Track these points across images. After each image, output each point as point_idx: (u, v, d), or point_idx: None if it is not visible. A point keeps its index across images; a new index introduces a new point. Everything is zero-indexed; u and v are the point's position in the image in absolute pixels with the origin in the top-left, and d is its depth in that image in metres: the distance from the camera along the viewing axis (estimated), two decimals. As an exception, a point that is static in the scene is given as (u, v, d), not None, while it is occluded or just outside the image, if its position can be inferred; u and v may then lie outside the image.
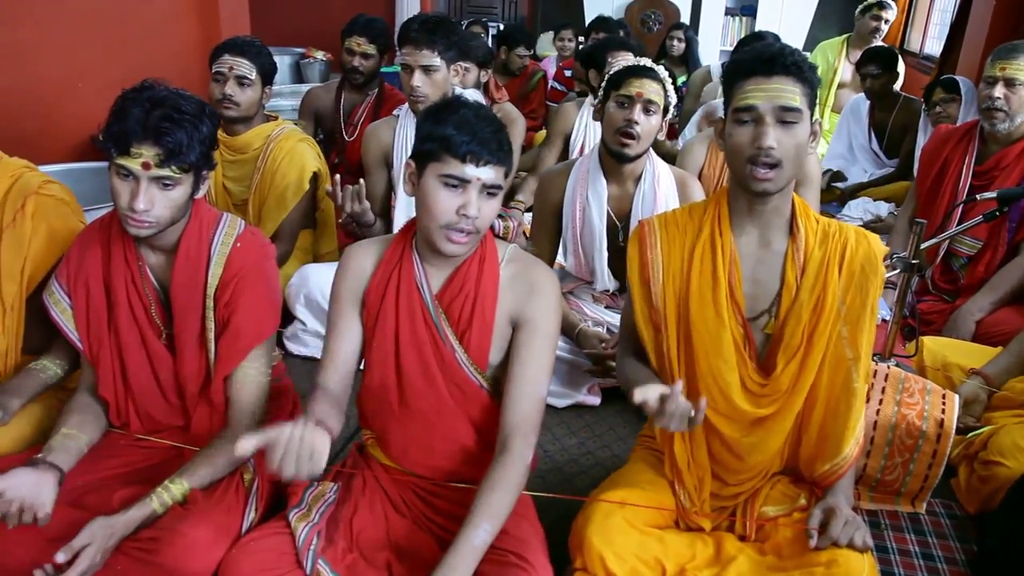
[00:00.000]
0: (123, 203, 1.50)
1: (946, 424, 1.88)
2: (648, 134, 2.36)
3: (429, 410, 1.55)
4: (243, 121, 2.67)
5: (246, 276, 1.64)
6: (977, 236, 2.77)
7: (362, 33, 3.44)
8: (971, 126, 2.89)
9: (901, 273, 2.18)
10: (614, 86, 2.37)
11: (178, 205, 1.55)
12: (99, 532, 1.40)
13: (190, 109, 1.51)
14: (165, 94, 1.51)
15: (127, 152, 1.46)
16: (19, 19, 3.13)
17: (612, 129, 2.37)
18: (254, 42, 2.65)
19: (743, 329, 1.55)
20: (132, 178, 1.49)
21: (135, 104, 1.48)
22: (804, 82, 1.43)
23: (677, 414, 1.36)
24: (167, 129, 1.46)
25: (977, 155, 2.82)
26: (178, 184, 1.53)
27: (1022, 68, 2.61)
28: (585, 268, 2.61)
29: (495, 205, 1.47)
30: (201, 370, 1.68)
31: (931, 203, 2.92)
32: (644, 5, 7.42)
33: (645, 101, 2.32)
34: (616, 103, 2.36)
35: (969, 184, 2.81)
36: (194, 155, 1.52)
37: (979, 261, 2.78)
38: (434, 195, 1.43)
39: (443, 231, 1.43)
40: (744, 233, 1.55)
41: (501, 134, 1.45)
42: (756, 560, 1.51)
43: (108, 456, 1.66)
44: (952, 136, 2.92)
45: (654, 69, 2.35)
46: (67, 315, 1.66)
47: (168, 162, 1.48)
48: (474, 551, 1.33)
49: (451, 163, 1.41)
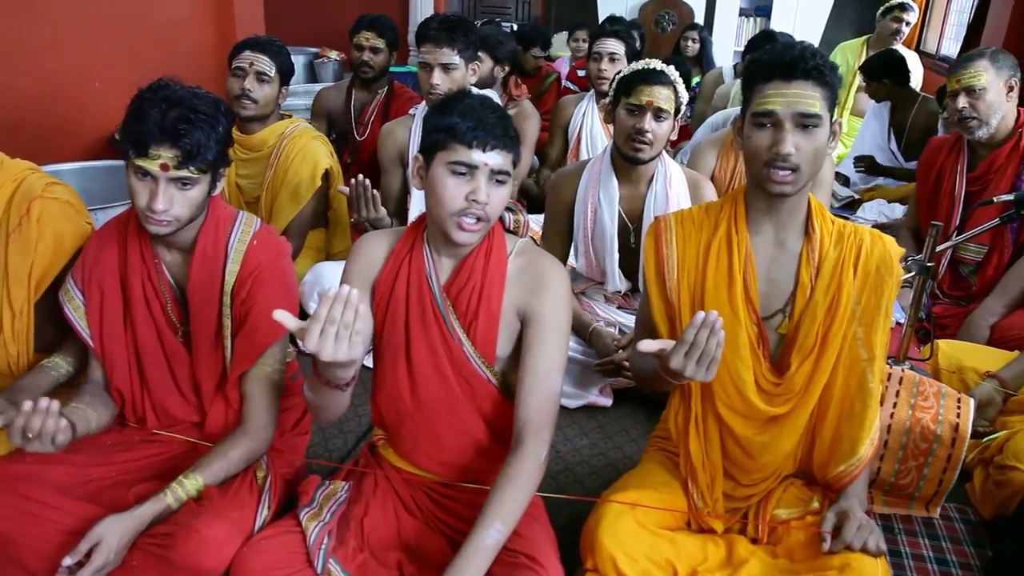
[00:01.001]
0: (142, 203, 1.51)
1: (961, 428, 1.87)
2: (660, 139, 2.36)
3: (440, 403, 1.55)
4: (259, 119, 2.69)
5: (263, 273, 1.65)
6: (982, 241, 2.76)
7: (370, 28, 3.48)
8: (958, 136, 2.90)
9: (916, 276, 2.17)
10: (624, 92, 2.36)
11: (196, 204, 1.56)
12: (113, 528, 1.41)
13: (206, 109, 1.52)
14: (181, 94, 1.52)
15: (145, 154, 1.47)
16: (36, 19, 3.16)
17: (623, 135, 2.37)
18: (274, 41, 2.68)
19: (757, 328, 1.55)
20: (151, 179, 1.50)
21: (152, 105, 1.49)
22: (824, 86, 1.42)
23: (699, 347, 1.31)
24: (185, 131, 1.47)
25: (968, 162, 2.85)
26: (196, 184, 1.54)
27: (975, 74, 2.65)
28: (596, 269, 2.61)
29: (504, 193, 1.47)
30: (217, 367, 1.69)
31: (930, 213, 2.94)
32: (658, 5, 7.40)
33: (655, 109, 2.31)
34: (626, 110, 2.35)
35: (964, 191, 2.83)
36: (211, 154, 1.53)
37: (987, 265, 2.78)
38: (443, 183, 1.43)
39: (454, 219, 1.43)
40: (760, 232, 1.55)
41: (506, 120, 1.45)
42: (768, 563, 1.50)
43: (123, 451, 1.67)
44: (944, 146, 2.95)
45: (665, 73, 2.33)
46: (79, 312, 1.67)
47: (186, 163, 1.49)
48: (485, 551, 1.33)
49: (458, 150, 1.41)
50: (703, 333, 1.30)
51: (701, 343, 1.31)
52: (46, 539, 1.45)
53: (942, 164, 2.91)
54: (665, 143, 2.39)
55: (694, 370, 1.33)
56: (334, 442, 2.30)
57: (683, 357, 1.32)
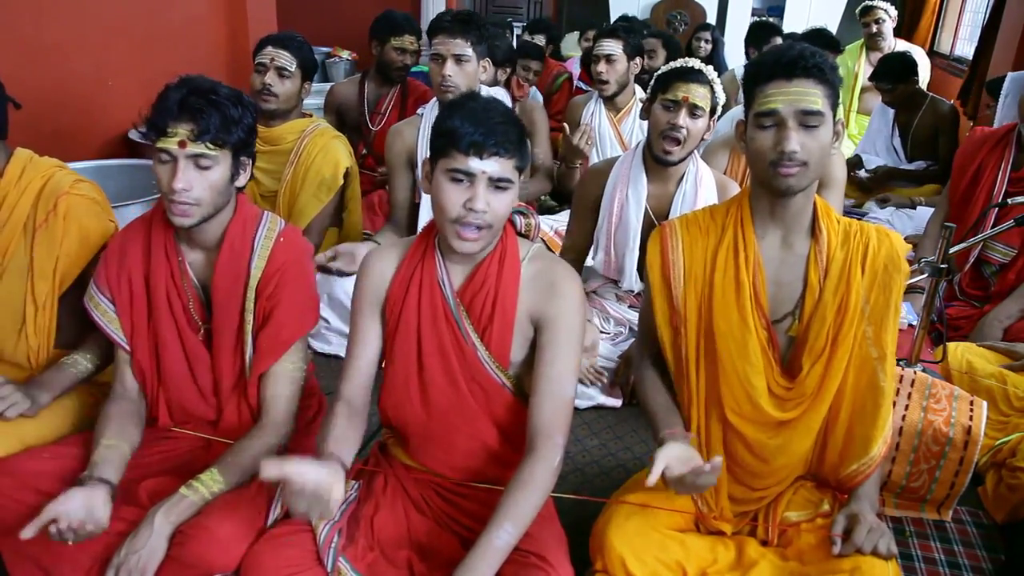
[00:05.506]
0: (164, 186, 1.53)
1: (973, 431, 1.86)
2: (694, 137, 2.37)
3: (451, 409, 1.55)
4: (280, 115, 2.72)
5: (288, 270, 1.67)
6: (1010, 243, 2.72)
7: (412, 31, 3.56)
8: (1008, 129, 2.81)
9: (929, 278, 2.15)
10: (661, 88, 2.37)
11: (217, 188, 1.57)
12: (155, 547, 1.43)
13: (226, 92, 1.56)
14: (202, 82, 1.56)
15: (164, 132, 1.50)
16: (52, 18, 3.18)
17: (657, 131, 2.38)
18: (296, 36, 2.71)
19: (767, 332, 1.54)
20: (171, 160, 1.52)
21: (174, 90, 1.53)
22: (826, 84, 1.42)
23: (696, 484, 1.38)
24: (201, 107, 1.51)
25: (1014, 160, 2.75)
26: (215, 164, 1.55)
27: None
28: (614, 265, 2.61)
29: (507, 199, 1.45)
30: (237, 365, 1.70)
31: (964, 208, 2.85)
32: (670, 5, 7.38)
33: (691, 105, 2.32)
34: (662, 106, 2.36)
35: (1004, 190, 2.74)
36: (227, 135, 1.54)
37: (1011, 268, 2.73)
38: (442, 190, 1.43)
39: (453, 227, 1.43)
40: (766, 235, 1.55)
41: (510, 127, 1.43)
42: (778, 565, 1.50)
43: (137, 447, 1.68)
44: (988, 140, 2.84)
45: (703, 72, 2.35)
46: (108, 317, 1.68)
47: (201, 137, 1.51)
48: (496, 551, 1.33)
49: (456, 157, 1.41)
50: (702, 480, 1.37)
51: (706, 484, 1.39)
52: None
53: (983, 159, 2.82)
54: (698, 142, 2.40)
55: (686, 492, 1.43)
56: (344, 441, 2.30)
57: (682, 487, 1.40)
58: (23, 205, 1.78)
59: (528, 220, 1.62)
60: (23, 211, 1.78)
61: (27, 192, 1.79)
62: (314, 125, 2.78)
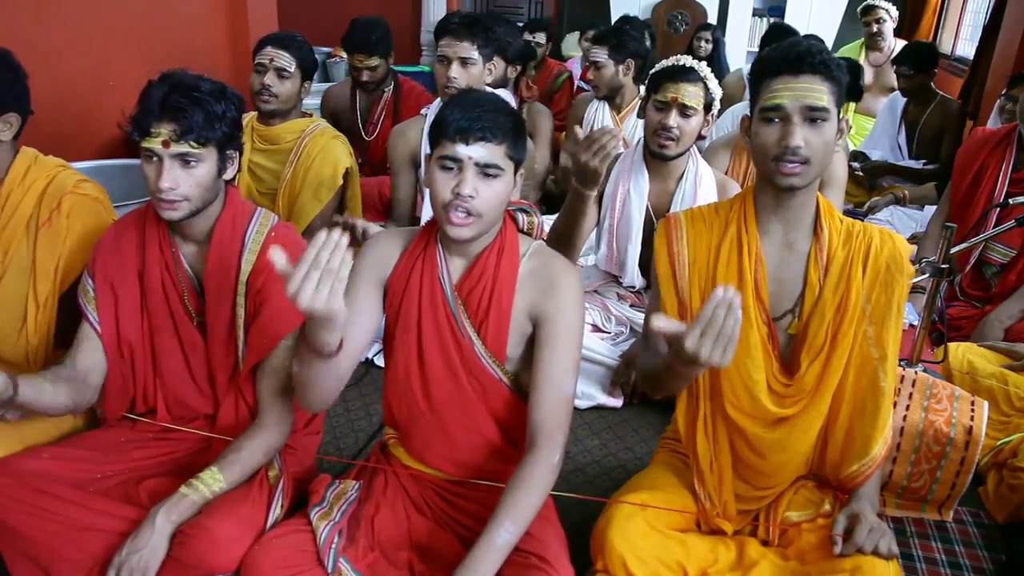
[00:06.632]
0: (151, 185, 1.53)
1: (974, 431, 1.85)
2: (688, 135, 2.40)
3: (451, 402, 1.55)
4: (280, 114, 2.71)
5: None
6: (1010, 244, 2.72)
7: (360, 50, 3.42)
8: (1009, 130, 2.81)
9: (930, 278, 2.15)
10: (653, 89, 2.41)
11: (204, 184, 1.57)
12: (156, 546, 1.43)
13: (208, 88, 1.55)
14: (184, 77, 1.55)
15: (148, 133, 1.50)
16: (51, 19, 3.18)
17: (651, 130, 2.43)
18: (296, 36, 2.70)
19: (768, 328, 1.54)
20: (156, 159, 1.52)
21: (155, 88, 1.52)
22: (831, 80, 1.43)
23: (716, 325, 1.21)
24: (183, 105, 1.50)
25: (1015, 161, 2.75)
26: (200, 161, 1.54)
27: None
28: (616, 261, 2.63)
29: (497, 187, 1.44)
30: (231, 358, 1.70)
31: (965, 208, 2.85)
32: (671, 5, 7.37)
33: (680, 106, 2.35)
34: (654, 106, 2.41)
35: (1006, 190, 2.74)
36: (211, 131, 1.53)
37: (1012, 269, 2.73)
38: (433, 178, 1.44)
39: (444, 212, 1.43)
40: (769, 232, 1.55)
41: (500, 115, 1.43)
42: (779, 565, 1.50)
43: (136, 448, 1.68)
44: (990, 140, 2.84)
45: (694, 70, 2.37)
46: (87, 296, 1.68)
47: (184, 137, 1.50)
48: (496, 551, 1.33)
49: (445, 145, 1.42)
50: (720, 310, 1.22)
51: (718, 321, 1.22)
52: (59, 535, 1.46)
53: (985, 159, 2.82)
54: (694, 139, 2.43)
55: (709, 352, 1.22)
56: (345, 441, 2.30)
57: (698, 338, 1.23)
58: (27, 204, 1.79)
59: (531, 218, 1.63)
60: (26, 210, 1.79)
61: (31, 191, 1.80)
62: (314, 125, 2.78)
